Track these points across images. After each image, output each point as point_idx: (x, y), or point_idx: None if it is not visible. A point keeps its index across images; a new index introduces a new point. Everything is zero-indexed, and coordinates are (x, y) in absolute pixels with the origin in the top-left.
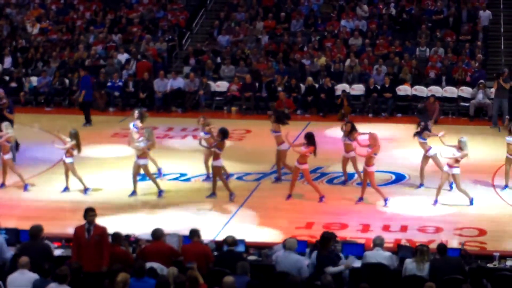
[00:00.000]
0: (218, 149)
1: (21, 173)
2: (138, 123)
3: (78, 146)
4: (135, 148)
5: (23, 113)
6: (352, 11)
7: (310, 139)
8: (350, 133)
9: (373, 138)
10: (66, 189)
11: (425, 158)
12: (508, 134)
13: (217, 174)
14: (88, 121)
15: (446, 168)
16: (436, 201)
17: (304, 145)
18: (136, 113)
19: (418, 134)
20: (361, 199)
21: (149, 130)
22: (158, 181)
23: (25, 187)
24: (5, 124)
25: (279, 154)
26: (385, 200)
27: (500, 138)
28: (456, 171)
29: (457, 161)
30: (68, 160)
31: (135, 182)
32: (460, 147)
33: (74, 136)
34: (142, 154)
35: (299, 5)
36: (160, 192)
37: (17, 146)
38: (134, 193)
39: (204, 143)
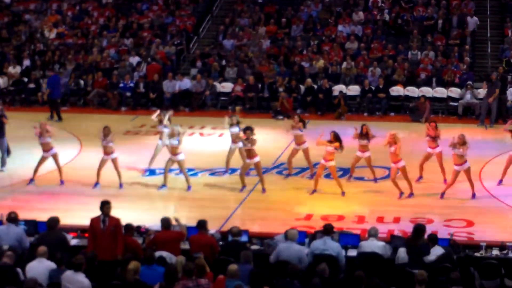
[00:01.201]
0: (251, 145)
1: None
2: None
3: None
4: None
5: (41, 112)
6: (349, 17)
7: (336, 137)
8: (366, 135)
9: (393, 136)
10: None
11: (428, 154)
12: None
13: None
14: (59, 117)
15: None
16: (443, 194)
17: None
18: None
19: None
20: (402, 193)
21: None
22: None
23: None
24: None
25: (305, 151)
26: (410, 194)
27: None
28: (467, 165)
29: (463, 156)
30: (114, 155)
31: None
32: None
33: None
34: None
35: (299, 11)
36: (163, 186)
37: (8, 151)
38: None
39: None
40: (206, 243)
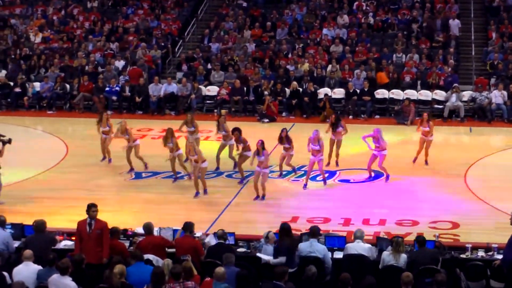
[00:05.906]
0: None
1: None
2: None
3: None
4: None
5: (27, 116)
6: (333, 20)
7: None
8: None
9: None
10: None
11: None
12: None
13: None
14: None
15: None
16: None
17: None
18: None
19: None
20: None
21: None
22: None
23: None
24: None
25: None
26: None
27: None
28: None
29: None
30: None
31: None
32: None
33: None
34: None
35: (283, 15)
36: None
37: None
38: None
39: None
40: (190, 246)
